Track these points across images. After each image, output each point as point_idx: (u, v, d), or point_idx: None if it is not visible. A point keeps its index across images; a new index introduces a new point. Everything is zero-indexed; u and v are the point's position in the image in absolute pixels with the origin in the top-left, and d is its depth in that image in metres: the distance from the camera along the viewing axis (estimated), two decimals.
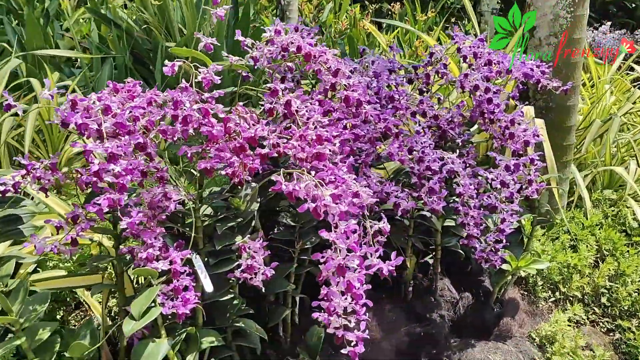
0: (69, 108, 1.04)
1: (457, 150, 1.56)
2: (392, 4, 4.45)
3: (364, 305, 1.08)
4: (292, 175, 1.10)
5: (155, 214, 1.17)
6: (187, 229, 1.21)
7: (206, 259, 1.21)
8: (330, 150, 1.17)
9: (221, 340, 1.21)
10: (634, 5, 5.86)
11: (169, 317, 1.12)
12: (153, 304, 1.08)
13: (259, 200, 1.27)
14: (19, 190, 1.11)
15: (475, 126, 1.93)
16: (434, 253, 1.73)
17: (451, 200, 1.65)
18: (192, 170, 1.26)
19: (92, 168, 0.96)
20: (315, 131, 1.16)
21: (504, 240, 1.52)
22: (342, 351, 1.06)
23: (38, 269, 1.41)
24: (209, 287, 1.13)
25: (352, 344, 1.06)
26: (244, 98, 2.15)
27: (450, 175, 1.50)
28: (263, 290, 1.21)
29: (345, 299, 1.06)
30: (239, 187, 1.29)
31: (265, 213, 1.51)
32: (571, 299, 1.91)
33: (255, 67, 1.42)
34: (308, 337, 1.42)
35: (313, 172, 1.10)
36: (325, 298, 1.06)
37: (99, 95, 1.07)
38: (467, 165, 1.58)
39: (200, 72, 1.15)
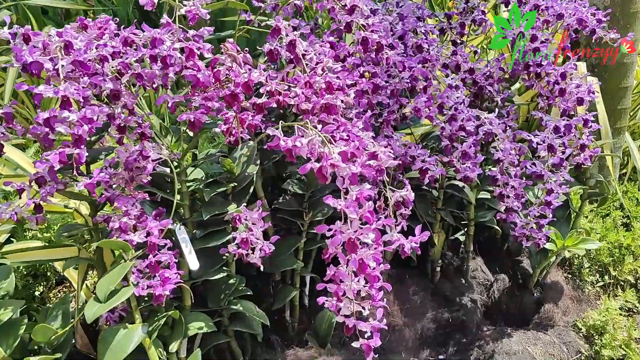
0: (21, 44, 0.86)
1: (496, 110, 1.33)
2: None
3: (381, 289, 0.88)
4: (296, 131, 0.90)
5: (133, 176, 0.99)
6: (179, 196, 1.03)
7: (194, 232, 1.02)
8: (342, 102, 0.96)
9: (212, 325, 1.03)
10: None
11: (146, 298, 0.94)
12: (126, 283, 0.91)
13: (258, 162, 1.07)
14: None
15: (517, 85, 1.70)
16: (466, 229, 1.51)
17: (487, 169, 1.43)
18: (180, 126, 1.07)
19: (40, 116, 0.77)
20: (324, 78, 0.95)
21: (550, 215, 1.29)
22: (354, 344, 0.87)
23: (12, 239, 1.25)
24: (193, 264, 0.94)
25: (366, 336, 0.87)
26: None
27: (488, 139, 1.28)
28: (262, 268, 1.01)
29: (358, 281, 0.86)
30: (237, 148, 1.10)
31: (272, 180, 1.31)
32: (622, 283, 1.68)
33: (260, 9, 1.21)
34: (317, 323, 1.24)
35: (320, 127, 0.89)
36: (333, 280, 0.86)
37: (60, 31, 0.88)
38: (508, 127, 1.35)
39: (184, 5, 0.95)
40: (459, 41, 1.49)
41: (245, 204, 1.02)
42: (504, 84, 1.43)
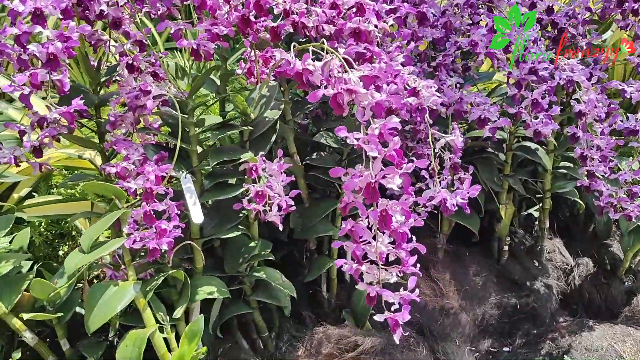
0: None
1: (579, 55, 1.10)
2: None
3: (413, 253, 0.70)
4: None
5: (138, 117, 0.88)
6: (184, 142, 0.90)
7: (203, 182, 0.89)
8: (377, 27, 0.79)
9: (226, 291, 0.90)
10: None
11: (142, 253, 0.83)
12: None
13: (282, 107, 0.92)
14: None
15: (609, 33, 1.43)
16: (541, 203, 1.29)
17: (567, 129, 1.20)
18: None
19: (7, 30, 0.67)
20: None
21: None
22: (376, 317, 0.70)
23: (35, 193, 1.18)
24: (197, 216, 0.81)
25: (393, 308, 0.70)
26: None
27: (568, 88, 1.05)
28: (281, 227, 0.87)
29: (384, 240, 0.69)
30: None
31: (311, 136, 1.16)
32: None
33: None
34: (355, 299, 1.08)
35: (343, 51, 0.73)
36: (351, 237, 0.70)
37: None
38: (594, 77, 1.11)
39: None
40: None
41: (262, 153, 0.88)
42: (591, 27, 1.19)
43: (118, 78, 0.96)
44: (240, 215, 0.92)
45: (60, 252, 1.20)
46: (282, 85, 0.99)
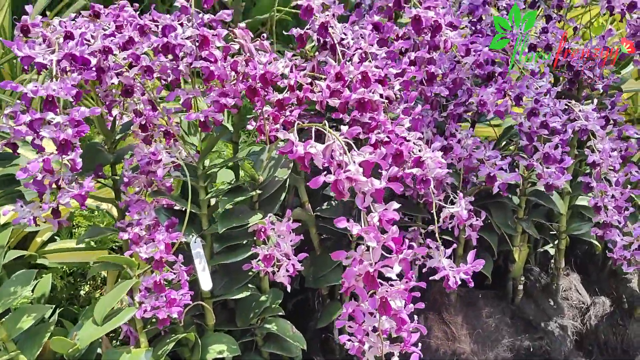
0: (19, 35, 0.78)
1: (594, 101, 1.08)
2: None
3: (416, 332, 0.71)
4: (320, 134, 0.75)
5: (151, 180, 0.90)
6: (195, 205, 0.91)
7: (213, 246, 0.91)
8: (382, 97, 0.80)
9: (236, 349, 0.92)
10: None
11: (153, 320, 0.85)
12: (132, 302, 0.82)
13: (292, 165, 0.93)
14: None
15: (630, 67, 1.40)
16: (556, 242, 1.27)
17: (584, 170, 1.19)
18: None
19: (21, 118, 0.69)
20: (359, 68, 0.79)
21: None
22: None
23: (57, 237, 1.22)
24: (206, 283, 0.83)
25: None
26: None
27: (582, 136, 1.04)
28: (288, 288, 0.88)
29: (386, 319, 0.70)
30: None
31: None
32: None
33: None
34: None
35: (346, 128, 0.74)
36: (354, 317, 0.71)
37: (63, 20, 0.79)
38: (610, 121, 1.10)
39: None
40: (554, 15, 1.24)
41: (273, 213, 0.89)
42: (610, 67, 1.16)
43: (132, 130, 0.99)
44: (250, 273, 0.94)
45: (82, 292, 1.24)
46: None
